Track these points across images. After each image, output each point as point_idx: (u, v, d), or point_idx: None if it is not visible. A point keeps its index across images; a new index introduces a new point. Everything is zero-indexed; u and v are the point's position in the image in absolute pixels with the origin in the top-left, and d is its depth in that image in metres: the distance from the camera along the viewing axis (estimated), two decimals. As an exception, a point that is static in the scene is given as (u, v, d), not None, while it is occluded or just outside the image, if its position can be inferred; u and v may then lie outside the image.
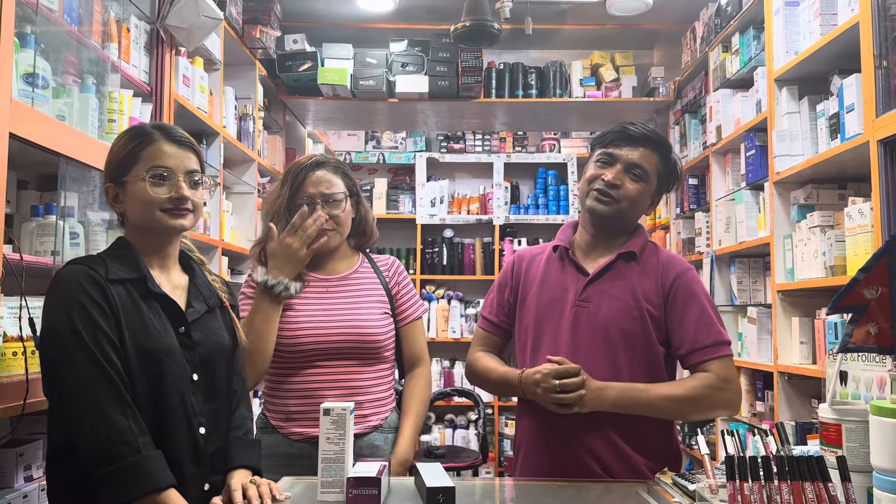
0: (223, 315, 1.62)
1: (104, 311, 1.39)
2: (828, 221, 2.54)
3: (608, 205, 1.75)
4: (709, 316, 1.73)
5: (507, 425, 5.30)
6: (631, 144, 1.76)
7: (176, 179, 1.49)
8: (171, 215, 1.49)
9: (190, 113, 2.80)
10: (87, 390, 1.34)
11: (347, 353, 1.87)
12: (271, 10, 3.69)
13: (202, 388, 1.50)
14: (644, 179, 1.76)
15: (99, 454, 1.31)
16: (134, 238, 1.52)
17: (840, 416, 1.46)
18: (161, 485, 1.34)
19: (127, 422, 1.34)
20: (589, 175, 1.79)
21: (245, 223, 3.67)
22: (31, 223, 1.93)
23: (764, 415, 3.07)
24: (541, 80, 4.34)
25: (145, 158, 1.48)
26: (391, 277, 2.00)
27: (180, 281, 1.57)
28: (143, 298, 1.46)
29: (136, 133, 1.53)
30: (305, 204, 1.89)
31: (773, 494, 1.27)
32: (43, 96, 1.86)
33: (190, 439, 1.46)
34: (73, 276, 1.41)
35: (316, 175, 1.90)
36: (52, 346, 1.38)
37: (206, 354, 1.52)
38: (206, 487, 1.47)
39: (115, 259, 1.47)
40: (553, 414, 1.67)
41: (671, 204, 4.35)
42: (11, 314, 1.69)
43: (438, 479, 1.45)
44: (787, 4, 2.76)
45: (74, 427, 1.34)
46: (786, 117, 2.78)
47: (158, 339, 1.44)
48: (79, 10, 2.10)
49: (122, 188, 1.50)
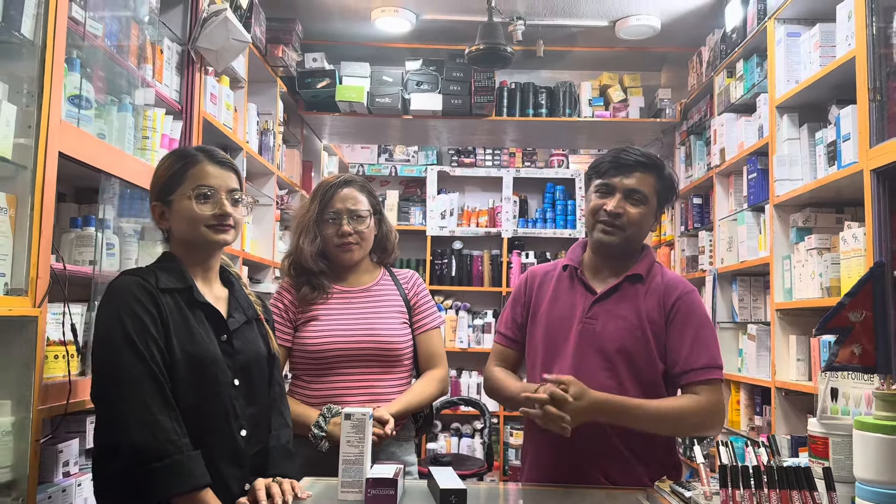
0: (259, 326, 1.74)
1: (154, 319, 1.51)
2: (825, 244, 2.64)
3: (615, 234, 1.83)
4: (704, 339, 1.80)
5: (512, 435, 5.38)
6: (626, 171, 1.82)
7: (219, 198, 1.62)
8: (215, 231, 1.62)
9: (216, 129, 2.93)
10: (136, 391, 1.45)
11: (368, 360, 1.98)
12: (293, 30, 3.84)
13: (243, 392, 1.61)
14: (644, 202, 1.83)
15: (146, 451, 1.42)
16: (179, 252, 1.65)
17: (827, 430, 1.57)
18: (201, 483, 1.45)
19: (171, 423, 1.46)
20: (592, 207, 1.86)
21: (264, 234, 3.78)
22: (71, 234, 2.05)
23: (762, 428, 3.16)
24: (551, 99, 4.45)
25: (190, 178, 1.61)
26: (410, 289, 2.12)
27: (221, 293, 1.70)
28: (189, 307, 1.58)
29: (181, 155, 1.66)
30: (331, 219, 2.01)
31: (762, 501, 1.38)
32: (87, 116, 1.98)
33: (231, 441, 1.56)
34: (126, 286, 1.53)
35: (343, 192, 2.03)
36: (106, 350, 1.50)
37: (246, 362, 1.64)
38: (247, 487, 1.56)
39: (164, 271, 1.60)
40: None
41: (676, 222, 4.45)
42: (54, 320, 1.81)
43: (451, 481, 1.54)
44: (789, 35, 2.87)
45: (123, 426, 1.44)
46: (786, 143, 2.89)
47: (203, 345, 1.56)
48: (118, 34, 2.23)
49: (168, 206, 1.63)
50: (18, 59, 1.71)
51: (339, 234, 2.02)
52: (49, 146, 1.71)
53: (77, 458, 1.96)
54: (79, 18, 1.96)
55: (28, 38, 1.70)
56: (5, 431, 1.60)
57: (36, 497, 1.68)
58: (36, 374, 1.66)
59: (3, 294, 1.62)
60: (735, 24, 3.46)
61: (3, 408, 1.62)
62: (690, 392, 1.79)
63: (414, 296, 2.12)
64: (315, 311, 2.02)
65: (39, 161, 1.69)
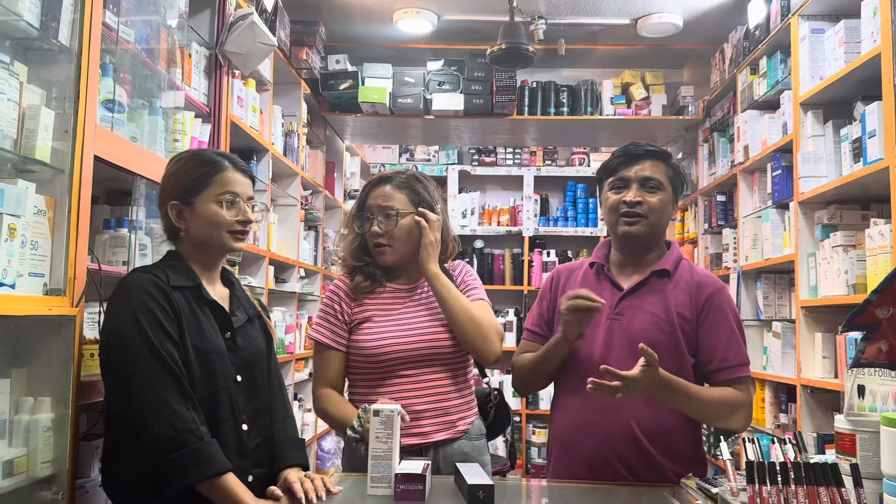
0: (259, 323, 1.79)
1: (168, 314, 1.56)
2: (850, 241, 2.63)
3: (639, 224, 1.84)
4: (737, 337, 1.84)
5: (534, 433, 5.39)
6: (637, 161, 1.86)
7: (242, 205, 1.67)
8: (235, 237, 1.67)
9: (243, 131, 2.97)
10: (153, 384, 1.49)
11: (430, 360, 1.91)
12: (316, 32, 3.88)
13: (245, 388, 1.66)
14: (661, 189, 1.86)
15: (164, 442, 1.46)
16: (188, 252, 1.69)
17: (854, 426, 1.57)
18: (222, 469, 1.49)
19: (189, 412, 1.50)
20: (610, 203, 1.88)
21: (289, 234, 3.82)
22: (104, 235, 2.09)
23: (787, 426, 3.15)
24: (572, 98, 4.46)
25: (217, 184, 1.65)
26: (458, 276, 2.03)
27: (223, 292, 1.75)
28: (197, 304, 1.63)
29: (206, 159, 1.69)
30: (366, 217, 1.96)
31: (790, 498, 1.38)
32: (120, 120, 2.03)
33: (236, 434, 1.61)
34: (139, 283, 1.58)
35: (377, 190, 1.97)
36: (120, 345, 1.54)
37: (248, 358, 1.69)
38: (250, 479, 1.61)
39: (173, 269, 1.64)
40: (584, 419, 1.79)
41: (699, 219, 4.43)
42: (90, 319, 1.86)
43: (479, 477, 1.56)
44: (813, 31, 2.86)
45: (141, 419, 1.48)
46: (811, 140, 2.88)
47: (211, 341, 1.61)
48: (148, 39, 2.28)
49: (188, 207, 1.66)
50: (55, 66, 1.75)
51: (370, 234, 1.95)
52: (85, 150, 1.76)
53: (112, 453, 2.00)
54: (111, 24, 2.00)
55: (64, 44, 1.74)
56: (46, 427, 1.65)
57: (74, 491, 1.72)
58: (74, 371, 1.71)
59: (42, 294, 1.67)
60: (758, 20, 3.45)
61: (43, 404, 1.66)
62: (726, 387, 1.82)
63: (462, 282, 2.02)
64: (369, 311, 1.94)
65: (76, 164, 1.73)
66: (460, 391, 1.95)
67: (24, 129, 1.61)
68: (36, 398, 1.66)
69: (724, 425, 1.94)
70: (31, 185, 1.64)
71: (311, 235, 4.34)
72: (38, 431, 1.64)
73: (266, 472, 1.67)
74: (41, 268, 1.67)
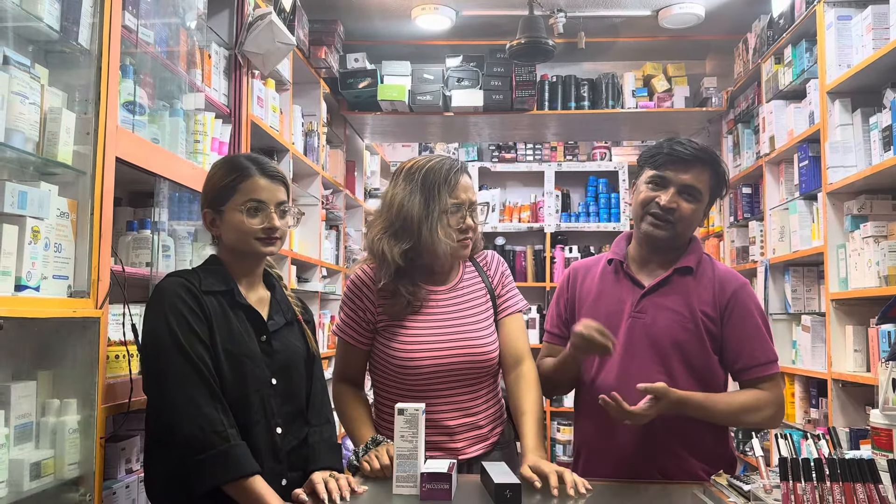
0: (299, 328, 1.78)
1: (198, 318, 1.57)
2: (881, 232, 2.58)
3: (665, 229, 1.79)
4: (763, 333, 1.80)
5: (559, 430, 5.36)
6: (683, 166, 1.77)
7: (268, 211, 1.66)
8: (263, 243, 1.67)
9: (263, 131, 2.98)
10: (183, 386, 1.51)
11: (460, 375, 1.83)
12: (335, 31, 3.88)
13: (280, 391, 1.66)
14: (698, 199, 1.80)
15: (193, 443, 1.48)
16: (226, 257, 1.71)
17: (891, 421, 1.53)
18: (248, 471, 1.49)
19: (218, 415, 1.51)
20: (642, 198, 1.81)
21: (311, 234, 3.82)
22: (128, 237, 2.10)
23: (818, 421, 3.09)
24: (593, 91, 4.41)
25: (242, 191, 1.65)
26: (493, 276, 1.95)
27: (263, 295, 1.75)
28: (231, 308, 1.64)
29: (234, 166, 1.69)
30: (453, 211, 1.80)
31: (825, 495, 1.34)
32: (141, 122, 2.04)
33: (269, 437, 1.61)
34: (172, 288, 1.60)
35: (464, 181, 1.83)
36: (153, 348, 1.57)
37: (284, 362, 1.69)
38: (284, 483, 1.61)
39: (209, 273, 1.66)
40: (609, 421, 1.73)
41: (724, 212, 4.38)
42: (114, 321, 1.86)
43: (505, 476, 1.53)
44: (840, 18, 2.81)
45: (172, 419, 1.51)
46: (839, 129, 2.83)
47: (243, 344, 1.62)
48: (168, 40, 2.28)
49: (219, 215, 1.68)
50: (76, 68, 1.76)
51: (461, 228, 1.81)
52: (107, 152, 1.76)
53: (139, 454, 2.01)
54: (131, 26, 2.01)
55: (85, 47, 1.75)
56: (72, 429, 1.66)
57: (101, 493, 1.73)
58: (99, 373, 1.71)
59: (66, 296, 1.68)
60: (782, 9, 3.39)
61: (69, 406, 1.67)
62: (753, 387, 1.79)
63: (499, 284, 1.94)
64: (400, 318, 1.84)
65: (98, 166, 1.74)
66: (489, 401, 1.90)
67: (46, 131, 1.62)
68: (62, 400, 1.67)
69: (755, 426, 1.90)
70: (54, 188, 1.65)
71: (333, 235, 4.35)
72: (65, 433, 1.65)
73: (303, 476, 1.66)
74: (65, 270, 1.68)
